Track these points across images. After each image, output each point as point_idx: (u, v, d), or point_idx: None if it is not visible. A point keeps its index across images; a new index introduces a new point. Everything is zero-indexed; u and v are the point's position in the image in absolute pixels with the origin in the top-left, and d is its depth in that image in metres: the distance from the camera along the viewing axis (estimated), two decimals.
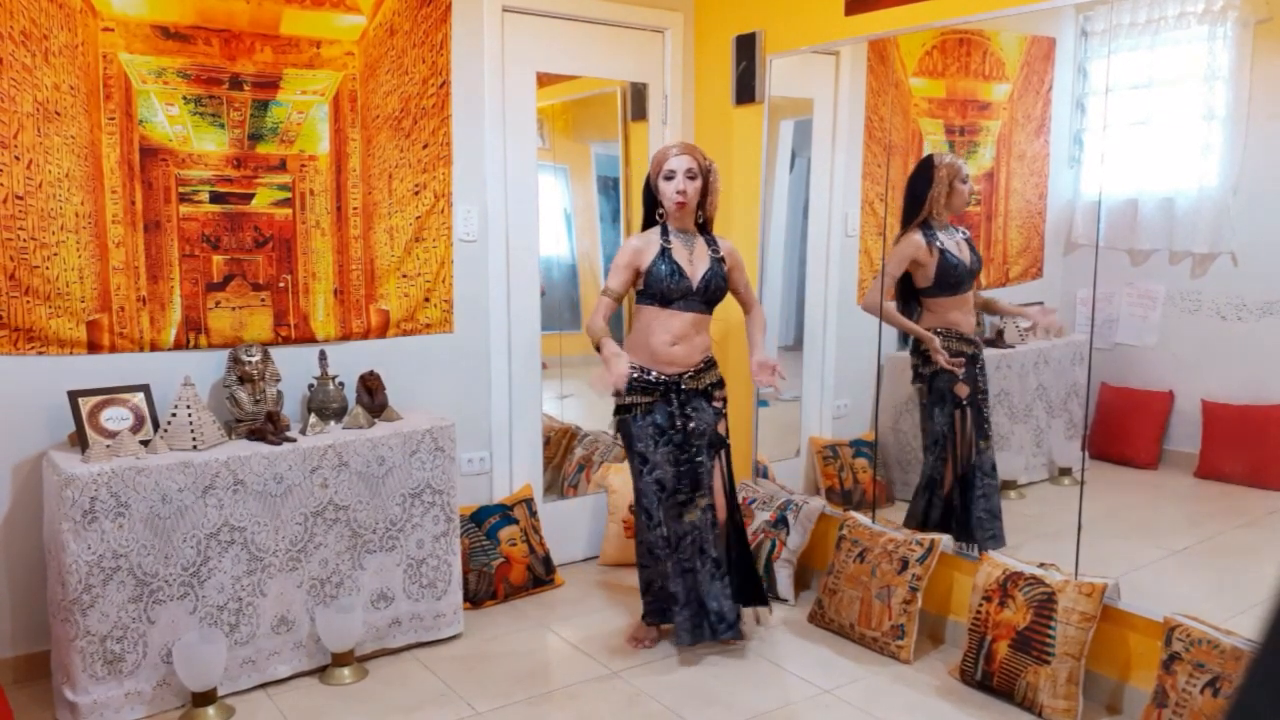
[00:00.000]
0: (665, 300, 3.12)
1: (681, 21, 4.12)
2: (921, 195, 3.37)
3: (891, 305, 3.49)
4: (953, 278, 3.36)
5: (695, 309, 3.14)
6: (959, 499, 3.38)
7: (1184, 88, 2.99)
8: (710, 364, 3.22)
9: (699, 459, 3.14)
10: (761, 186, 3.93)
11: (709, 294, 3.15)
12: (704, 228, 3.22)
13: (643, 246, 3.15)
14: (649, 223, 3.24)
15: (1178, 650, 2.48)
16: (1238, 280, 2.85)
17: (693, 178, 3.09)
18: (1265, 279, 2.78)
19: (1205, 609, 2.55)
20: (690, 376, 3.15)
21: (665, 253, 3.11)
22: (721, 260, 3.18)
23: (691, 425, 3.14)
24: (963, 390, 3.37)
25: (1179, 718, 2.43)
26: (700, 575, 3.15)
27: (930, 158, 3.41)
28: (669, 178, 3.10)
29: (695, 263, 3.14)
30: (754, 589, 3.30)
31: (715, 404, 3.21)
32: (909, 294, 3.48)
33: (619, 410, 3.18)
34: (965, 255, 3.39)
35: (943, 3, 3.17)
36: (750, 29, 3.87)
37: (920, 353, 3.47)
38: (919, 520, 3.47)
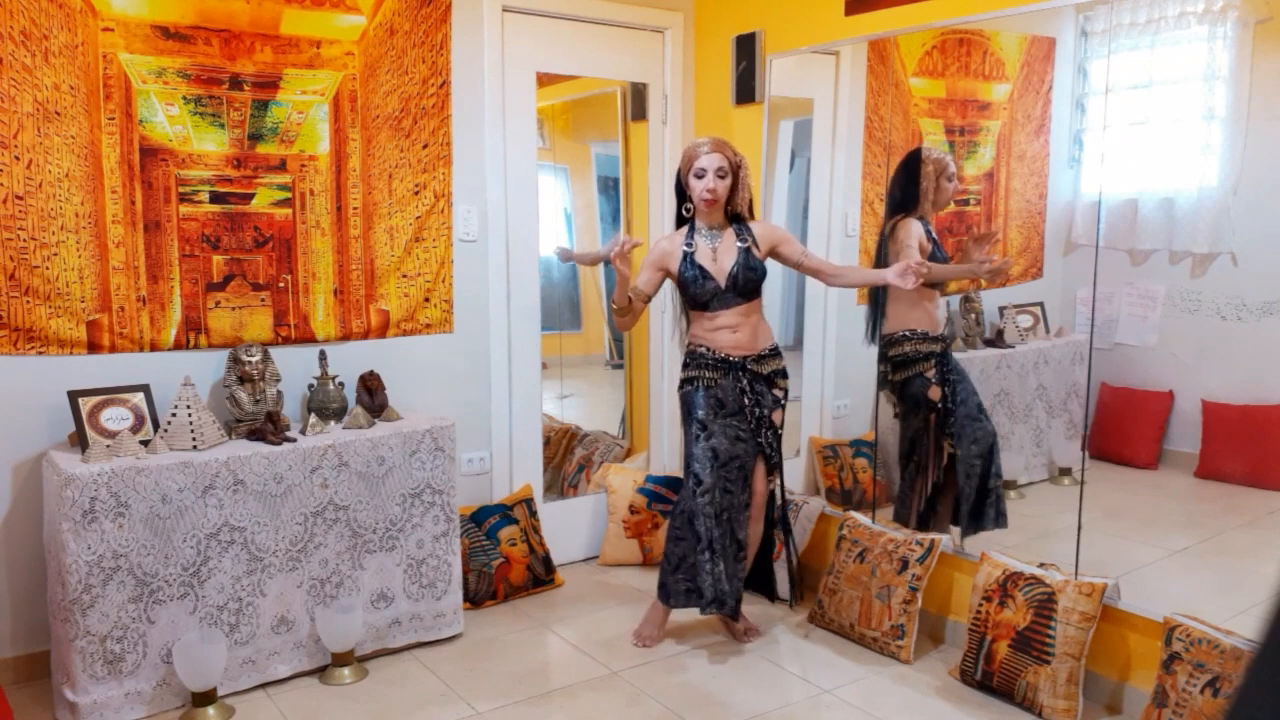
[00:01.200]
0: (701, 304, 3.16)
1: (681, 21, 4.12)
2: (910, 187, 3.37)
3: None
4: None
5: (731, 304, 3.14)
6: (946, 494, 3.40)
7: (1184, 88, 2.99)
8: (775, 353, 3.24)
9: (751, 439, 3.19)
10: (761, 186, 3.92)
11: (740, 287, 3.13)
12: (737, 217, 3.21)
13: (670, 250, 3.17)
14: (679, 217, 3.26)
15: (1178, 650, 2.48)
16: (1238, 280, 2.85)
17: (723, 176, 3.10)
18: (1265, 279, 2.78)
19: (1205, 609, 2.55)
20: (754, 360, 3.18)
21: (688, 257, 3.12)
22: (750, 248, 3.15)
23: (753, 406, 3.17)
24: (935, 394, 3.37)
25: (1179, 718, 2.43)
26: (726, 550, 3.19)
27: (918, 151, 3.41)
28: (699, 176, 3.11)
29: (721, 258, 3.13)
30: (760, 576, 3.49)
31: (776, 391, 3.23)
32: (877, 290, 3.47)
33: (684, 384, 3.22)
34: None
35: (943, 3, 3.18)
36: (750, 29, 3.87)
37: (889, 358, 3.46)
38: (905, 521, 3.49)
